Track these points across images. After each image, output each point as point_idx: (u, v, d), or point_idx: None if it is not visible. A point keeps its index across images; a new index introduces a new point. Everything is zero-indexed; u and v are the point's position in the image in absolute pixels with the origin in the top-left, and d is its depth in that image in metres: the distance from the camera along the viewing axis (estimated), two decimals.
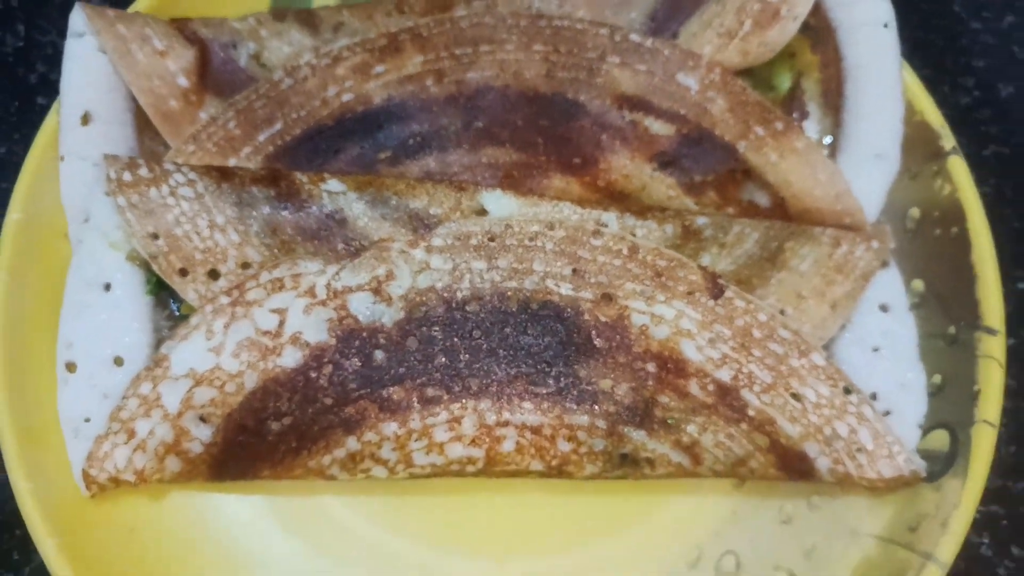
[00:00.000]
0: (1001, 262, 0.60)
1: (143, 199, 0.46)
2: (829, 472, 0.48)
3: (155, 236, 0.46)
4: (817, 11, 0.58)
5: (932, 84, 0.66)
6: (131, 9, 0.55)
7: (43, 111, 0.59)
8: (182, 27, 0.54)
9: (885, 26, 0.57)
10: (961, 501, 0.47)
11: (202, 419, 0.45)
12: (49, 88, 0.62)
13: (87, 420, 0.47)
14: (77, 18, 0.52)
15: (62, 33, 0.61)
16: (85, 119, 0.51)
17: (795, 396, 0.47)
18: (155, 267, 0.47)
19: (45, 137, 0.52)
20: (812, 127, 0.58)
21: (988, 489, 0.54)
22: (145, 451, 0.45)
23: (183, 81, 0.52)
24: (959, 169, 0.54)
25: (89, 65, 0.52)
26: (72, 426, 0.47)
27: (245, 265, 0.47)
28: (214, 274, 0.47)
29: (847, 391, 0.48)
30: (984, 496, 0.54)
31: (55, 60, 0.61)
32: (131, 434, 0.45)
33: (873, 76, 0.57)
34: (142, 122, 0.53)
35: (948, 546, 0.46)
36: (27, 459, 0.46)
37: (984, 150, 0.65)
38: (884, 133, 0.56)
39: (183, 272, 0.46)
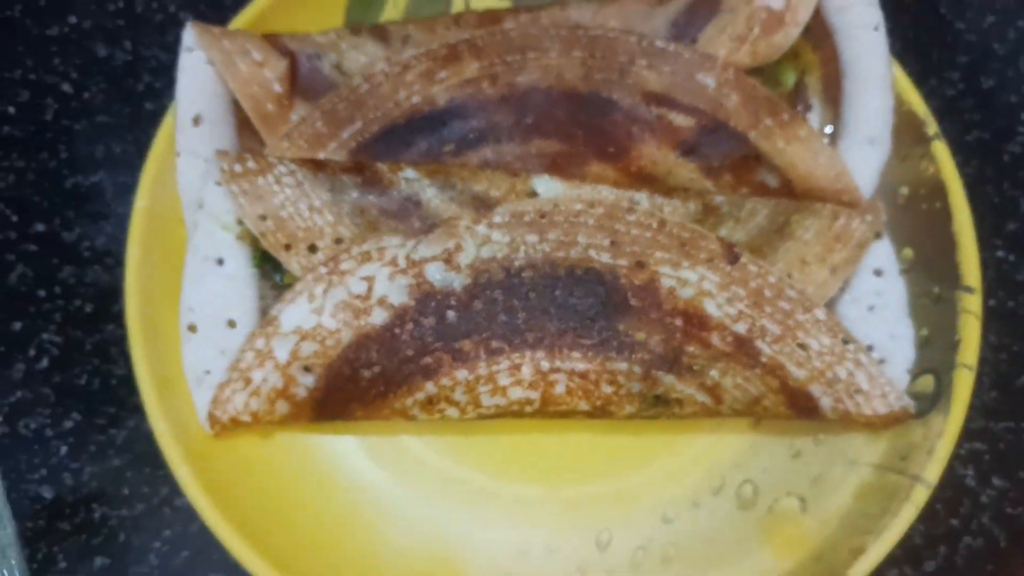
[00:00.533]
0: (982, 232, 0.64)
1: (252, 186, 0.54)
2: (831, 410, 0.53)
3: (263, 217, 0.54)
4: (817, 16, 0.61)
5: (921, 78, 0.70)
6: (231, 26, 0.61)
7: (151, 115, 0.67)
8: (274, 41, 0.59)
9: (876, 29, 0.60)
10: (944, 431, 0.52)
11: (306, 368, 0.52)
12: (155, 95, 0.68)
13: (207, 372, 0.54)
14: (188, 35, 0.58)
15: (163, 47, 0.69)
16: (196, 121, 0.57)
17: (801, 346, 0.53)
18: (264, 243, 0.53)
19: (163, 137, 0.58)
20: (815, 118, 0.62)
21: (972, 429, 0.60)
22: (259, 396, 0.53)
23: (277, 87, 0.58)
24: (941, 152, 0.58)
25: (199, 75, 0.58)
26: (195, 377, 0.54)
27: (338, 241, 0.54)
28: (313, 248, 0.54)
29: (845, 341, 0.53)
30: (969, 435, 0.60)
31: (158, 71, 0.69)
32: (248, 382, 0.52)
33: (866, 72, 0.60)
34: (242, 123, 0.59)
35: (934, 469, 0.51)
36: (162, 405, 0.52)
37: (968, 136, 0.69)
38: (876, 121, 0.60)
39: (288, 247, 0.53)
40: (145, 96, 0.69)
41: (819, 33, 0.62)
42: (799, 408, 0.54)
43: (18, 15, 0.72)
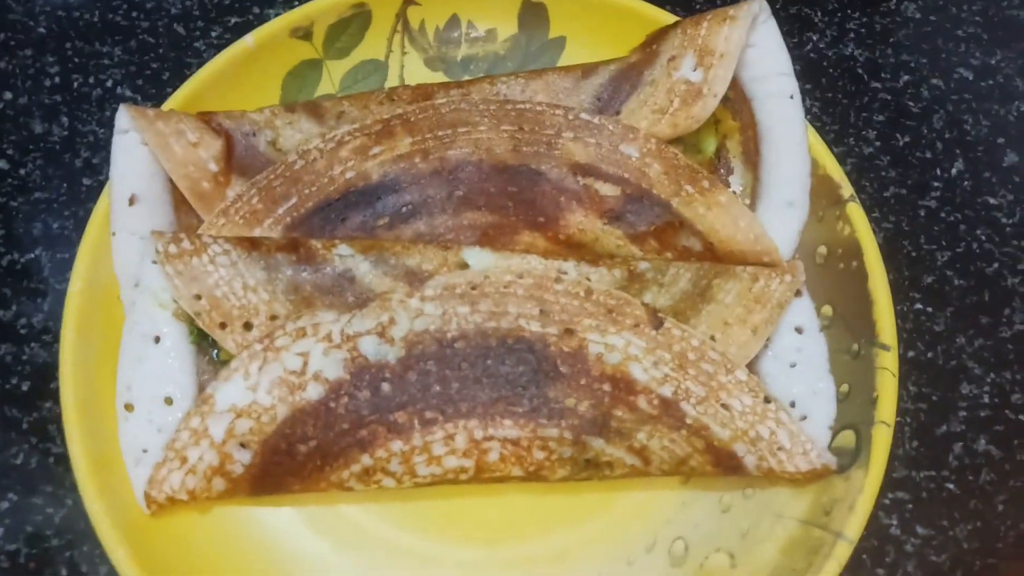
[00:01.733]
0: (900, 285, 0.69)
1: (187, 267, 0.55)
2: (756, 468, 0.55)
3: (198, 297, 0.55)
4: (735, 86, 0.64)
5: (839, 136, 0.74)
6: (165, 106, 0.62)
7: (89, 191, 0.68)
8: (209, 120, 0.61)
9: (791, 97, 0.63)
10: (864, 487, 0.53)
11: (242, 445, 0.53)
12: (93, 171, 0.69)
13: (145, 451, 0.54)
14: (122, 117, 0.59)
15: (100, 123, 0.70)
16: (131, 200, 0.58)
17: (724, 406, 0.55)
18: (199, 322, 0.54)
19: (98, 216, 0.59)
20: (736, 181, 0.65)
21: (895, 478, 0.62)
22: (196, 474, 0.53)
23: (213, 166, 0.59)
24: (856, 214, 0.61)
25: (133, 156, 0.59)
26: (132, 456, 0.54)
27: (273, 318, 0.55)
28: (248, 326, 0.55)
29: (767, 400, 0.55)
30: (892, 484, 0.62)
31: (96, 147, 0.70)
32: (184, 460, 0.53)
33: (783, 139, 0.63)
34: (179, 200, 0.60)
35: (855, 525, 0.53)
36: (97, 484, 0.53)
37: (885, 192, 0.72)
38: (794, 185, 0.62)
39: (223, 325, 0.54)
40: (83, 172, 0.70)
41: (738, 102, 0.65)
42: (724, 467, 0.55)
43: None
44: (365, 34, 0.70)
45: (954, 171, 0.73)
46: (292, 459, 0.54)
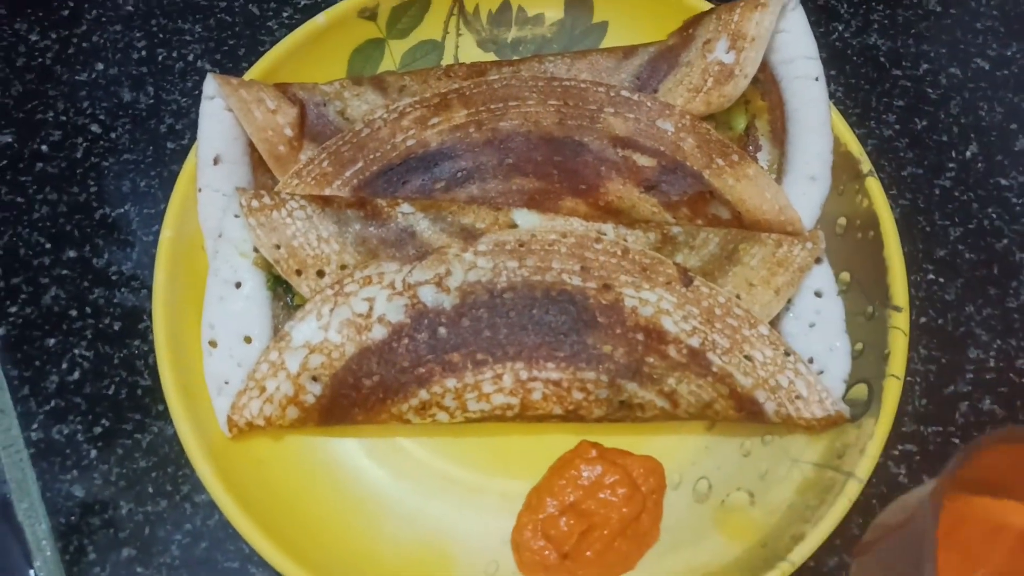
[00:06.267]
0: (914, 258, 0.72)
1: (268, 219, 0.61)
2: (775, 414, 0.59)
3: (277, 246, 0.60)
4: (764, 68, 0.68)
5: (861, 119, 0.78)
6: (246, 76, 0.67)
7: (173, 153, 0.74)
8: (285, 90, 0.66)
9: (817, 80, 0.67)
10: (875, 433, 0.57)
11: (314, 378, 0.59)
12: (176, 136, 0.75)
13: (226, 382, 0.60)
14: (209, 84, 0.64)
15: (182, 92, 0.77)
16: (216, 160, 0.64)
17: (747, 357, 0.59)
18: (278, 269, 0.60)
19: (186, 175, 0.64)
20: (764, 157, 0.69)
21: (904, 432, 0.66)
22: (272, 403, 0.59)
23: (288, 131, 0.65)
24: (874, 187, 0.64)
25: (218, 120, 0.64)
26: (216, 386, 0.60)
27: (343, 267, 0.60)
28: (321, 273, 0.60)
29: (787, 353, 0.59)
30: (901, 438, 0.66)
31: (179, 114, 0.76)
32: (262, 390, 0.59)
33: (808, 118, 0.66)
34: (257, 162, 0.65)
35: (865, 466, 0.56)
36: (187, 411, 0.58)
37: (903, 171, 0.76)
38: (817, 161, 0.66)
39: (299, 272, 0.60)
40: (166, 136, 0.76)
41: (767, 83, 0.69)
42: (746, 412, 0.60)
43: (49, 62, 0.79)
44: (424, 16, 0.75)
45: (968, 154, 0.77)
46: (358, 392, 0.59)
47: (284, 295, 0.63)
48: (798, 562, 0.56)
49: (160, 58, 0.79)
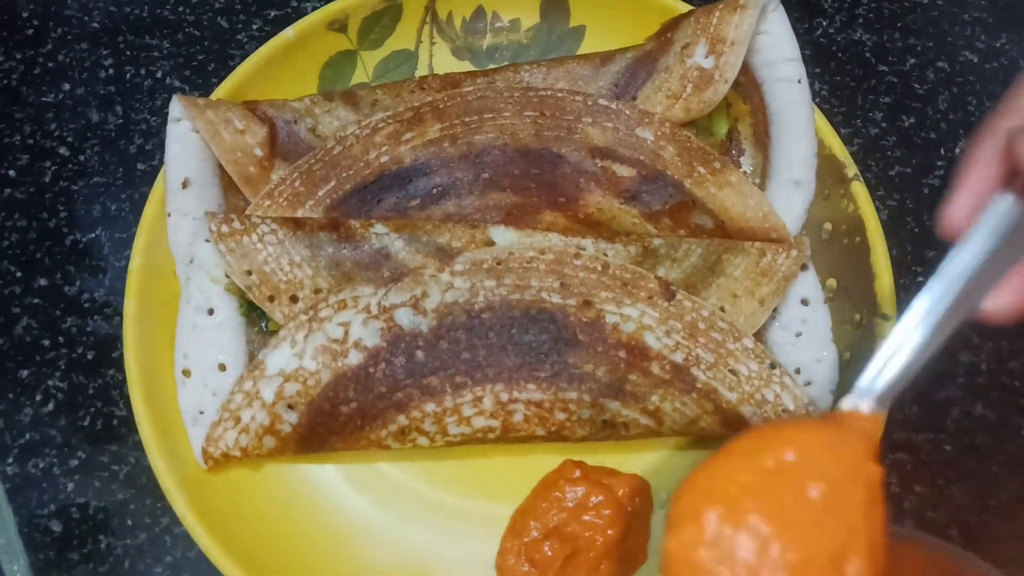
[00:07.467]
0: (904, 259, 0.71)
1: (238, 245, 0.60)
2: None
3: (249, 272, 0.59)
4: (746, 71, 0.67)
5: (847, 118, 0.77)
6: (213, 95, 0.66)
7: (143, 175, 0.72)
8: (254, 108, 0.65)
9: (799, 82, 0.66)
10: None
11: (290, 406, 0.58)
12: (146, 156, 0.73)
13: (201, 412, 0.59)
14: (175, 107, 0.63)
15: (152, 111, 0.75)
16: (184, 184, 0.62)
17: (732, 371, 0.58)
18: (250, 296, 0.59)
19: (154, 199, 0.63)
20: (746, 161, 0.68)
21: (895, 440, 0.65)
22: (248, 433, 0.58)
23: (258, 151, 0.63)
24: (860, 192, 0.63)
25: (185, 142, 0.63)
26: (191, 417, 0.59)
27: (317, 291, 0.59)
28: (294, 299, 0.59)
29: (772, 366, 0.59)
30: (892, 446, 0.65)
31: (148, 133, 0.74)
32: (238, 420, 0.58)
33: (791, 121, 0.65)
34: (227, 184, 0.64)
35: None
36: (160, 442, 0.57)
37: (891, 171, 0.75)
38: (801, 165, 0.65)
39: (271, 298, 0.59)
40: (137, 157, 0.74)
41: (748, 86, 0.68)
42: (732, 428, 0.59)
43: (15, 83, 0.77)
44: (396, 26, 0.74)
45: (958, 151, 0.76)
46: (335, 419, 0.58)
47: (259, 320, 0.62)
48: None
49: (128, 76, 0.77)
